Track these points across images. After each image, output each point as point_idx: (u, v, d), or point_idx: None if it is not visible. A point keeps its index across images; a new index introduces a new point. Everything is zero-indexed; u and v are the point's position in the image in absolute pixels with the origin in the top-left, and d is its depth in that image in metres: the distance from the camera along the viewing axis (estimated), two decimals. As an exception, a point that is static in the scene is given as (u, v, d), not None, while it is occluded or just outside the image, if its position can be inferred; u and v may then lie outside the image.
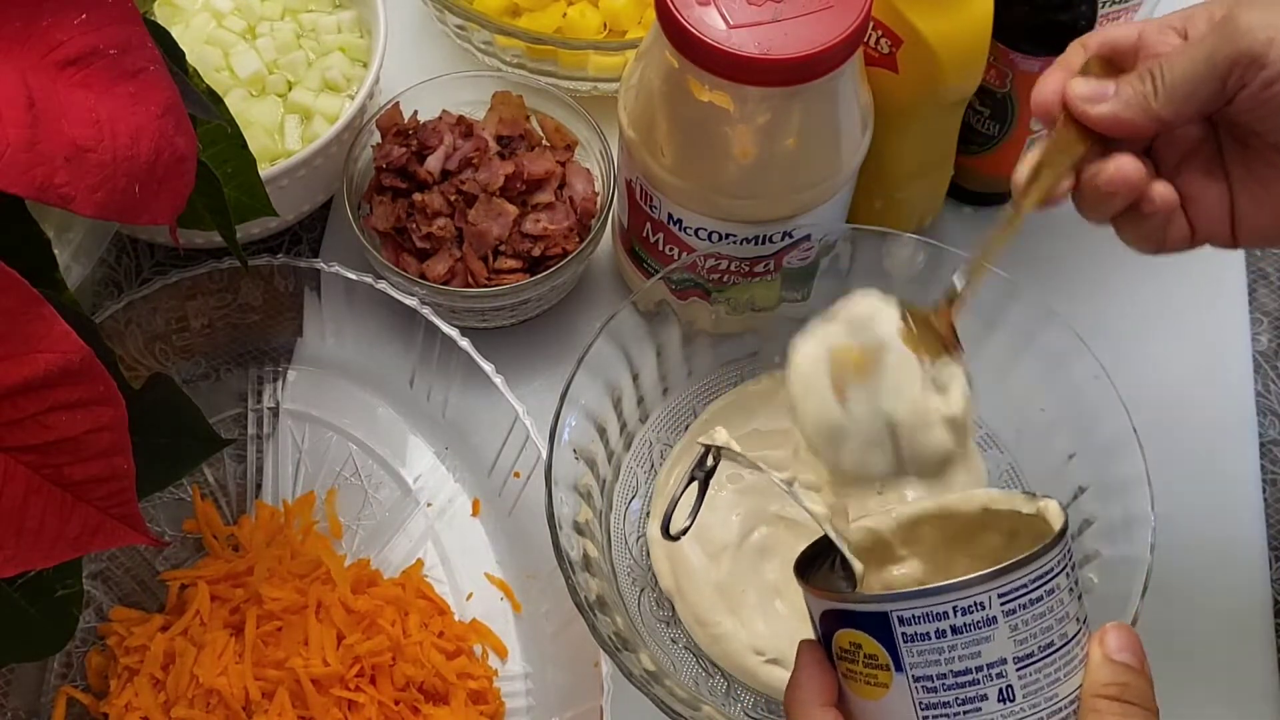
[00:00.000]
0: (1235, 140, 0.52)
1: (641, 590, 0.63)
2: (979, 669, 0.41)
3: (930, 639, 0.41)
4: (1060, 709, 0.42)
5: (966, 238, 0.79)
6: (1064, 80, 0.53)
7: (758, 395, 0.69)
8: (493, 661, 0.65)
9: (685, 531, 0.54)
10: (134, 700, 0.61)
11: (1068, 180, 0.52)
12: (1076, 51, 0.54)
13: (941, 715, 0.41)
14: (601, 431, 0.63)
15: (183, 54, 0.55)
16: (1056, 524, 0.44)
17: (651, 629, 0.62)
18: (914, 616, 0.41)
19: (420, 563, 0.67)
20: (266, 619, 0.62)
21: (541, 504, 0.58)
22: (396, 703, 0.62)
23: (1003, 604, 0.41)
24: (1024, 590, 0.41)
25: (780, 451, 0.66)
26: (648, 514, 0.66)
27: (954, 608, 0.41)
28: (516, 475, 0.68)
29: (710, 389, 0.69)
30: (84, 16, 0.43)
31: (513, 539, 0.68)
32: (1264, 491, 0.72)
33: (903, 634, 0.41)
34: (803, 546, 0.48)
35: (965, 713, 0.41)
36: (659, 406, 0.68)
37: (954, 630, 0.41)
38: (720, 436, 0.51)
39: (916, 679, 0.41)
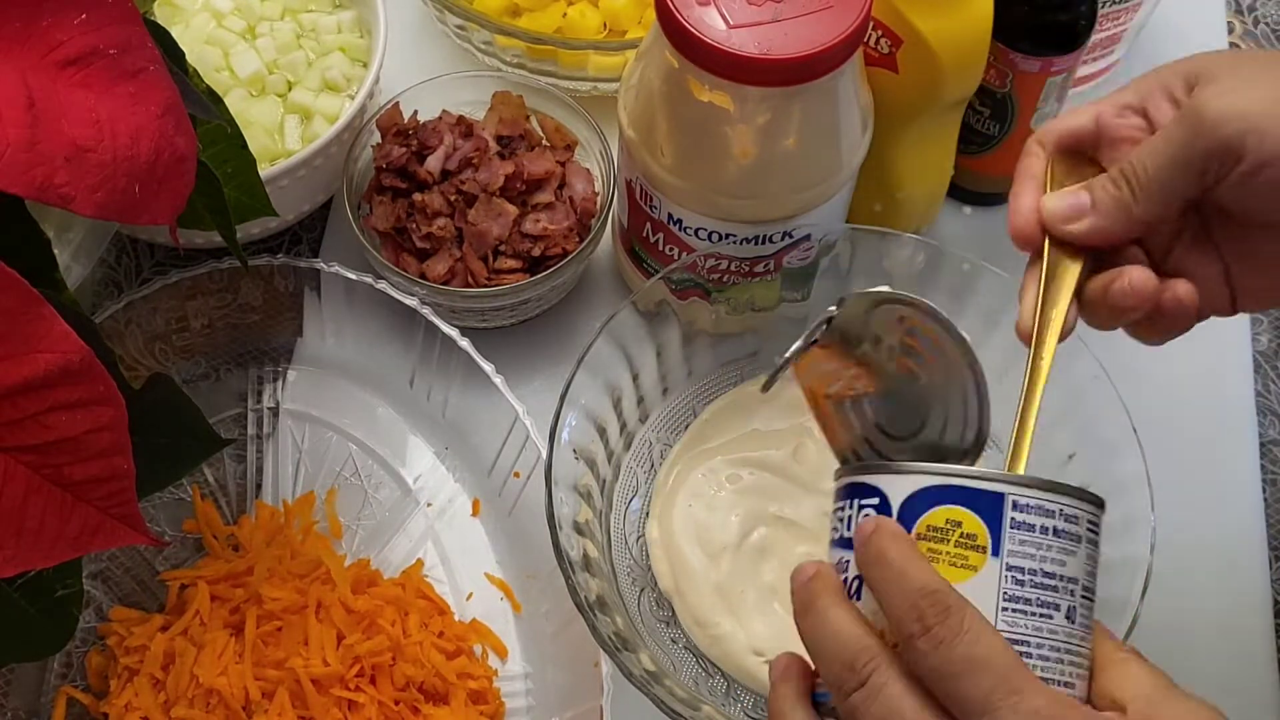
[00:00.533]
0: (1221, 215, 0.50)
1: (641, 590, 0.64)
2: (1061, 578, 0.42)
3: (1034, 532, 0.42)
4: (1084, 654, 0.43)
5: (966, 238, 0.79)
6: (1034, 196, 0.51)
7: (757, 395, 0.68)
8: (493, 661, 0.65)
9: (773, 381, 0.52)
10: (134, 700, 0.61)
11: (1074, 306, 0.51)
12: (1035, 154, 0.52)
13: (1020, 611, 0.42)
14: (601, 431, 0.63)
15: (183, 54, 0.55)
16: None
17: (651, 629, 0.62)
18: (1029, 505, 0.42)
19: (420, 563, 0.67)
20: (266, 619, 0.62)
21: (541, 504, 0.58)
22: (396, 703, 0.62)
23: (1088, 528, 0.43)
24: (1096, 528, 0.43)
25: (780, 451, 0.66)
26: (648, 514, 0.66)
27: (1061, 510, 0.42)
28: (516, 475, 0.68)
29: (710, 389, 0.69)
30: (84, 16, 0.43)
31: (513, 539, 0.68)
32: (1264, 491, 0.72)
33: (1012, 519, 0.42)
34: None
35: (1040, 615, 0.42)
36: (659, 406, 0.68)
37: (1055, 532, 0.42)
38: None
39: (1010, 567, 0.42)
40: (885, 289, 0.50)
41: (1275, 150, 0.45)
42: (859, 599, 0.43)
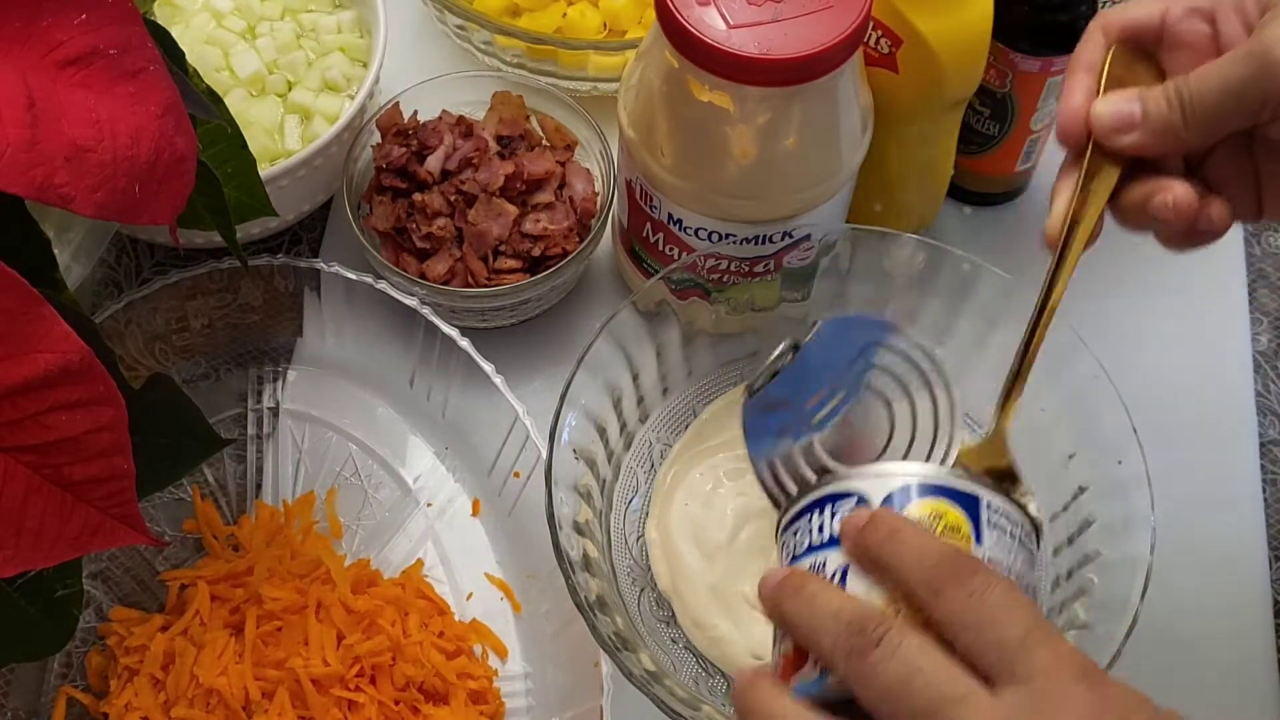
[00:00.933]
0: (1264, 140, 0.50)
1: (641, 590, 0.64)
2: (1028, 585, 0.44)
3: (1005, 535, 0.44)
4: None
5: (966, 238, 0.79)
6: (1086, 94, 0.51)
7: (757, 395, 0.69)
8: (493, 661, 0.65)
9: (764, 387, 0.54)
10: (134, 700, 0.61)
11: (1104, 213, 0.51)
12: (1096, 40, 0.52)
13: None
14: (601, 431, 0.63)
15: (183, 54, 0.55)
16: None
17: (651, 629, 0.62)
18: (998, 509, 0.44)
19: (420, 563, 0.67)
20: (266, 619, 0.62)
21: (541, 504, 0.58)
22: (396, 703, 0.62)
23: (1037, 556, 0.45)
24: (1032, 556, 0.45)
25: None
26: (647, 514, 0.66)
27: (1021, 526, 0.45)
28: (516, 475, 0.68)
29: (710, 389, 0.69)
30: (84, 16, 0.43)
31: (513, 539, 0.68)
32: (1264, 491, 0.72)
33: (988, 518, 0.44)
34: None
35: None
36: (659, 406, 0.68)
37: (1019, 541, 0.44)
38: None
39: (991, 560, 0.43)
40: (856, 314, 0.51)
41: None
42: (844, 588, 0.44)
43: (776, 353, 0.52)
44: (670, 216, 0.66)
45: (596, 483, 0.63)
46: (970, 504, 0.44)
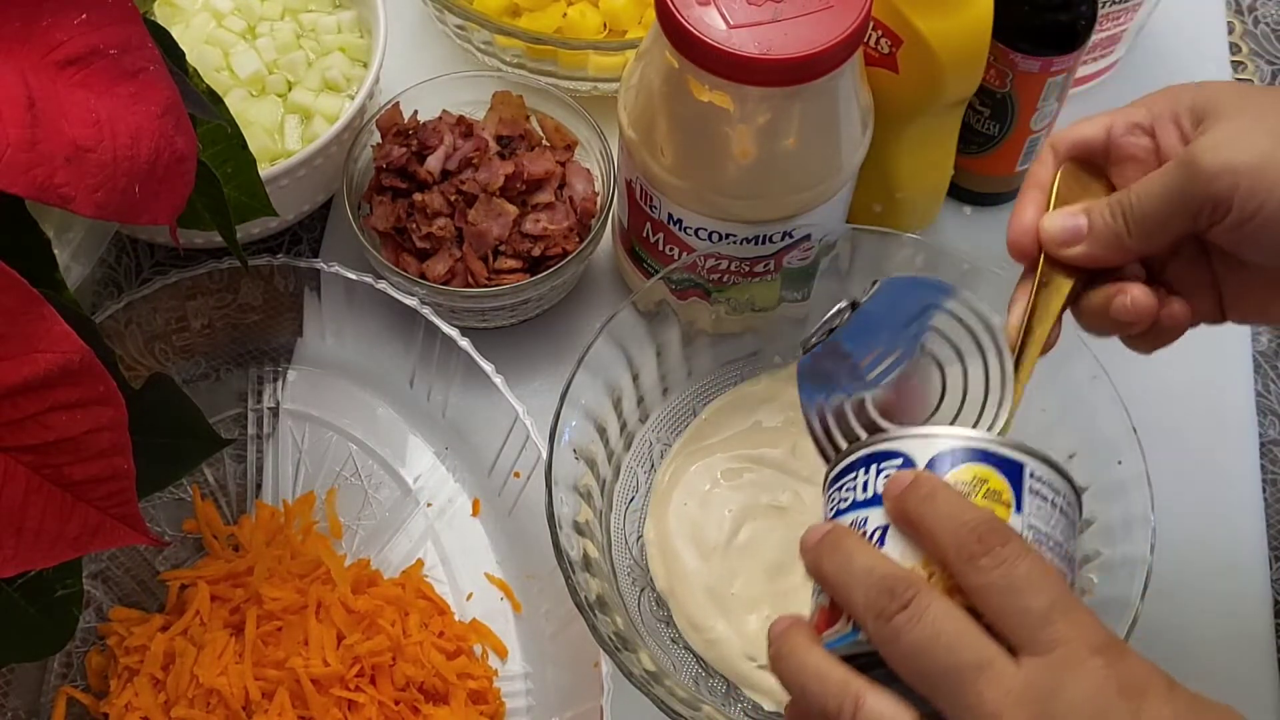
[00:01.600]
0: (1215, 246, 0.52)
1: (641, 590, 0.64)
2: (1067, 553, 0.44)
3: (1047, 503, 0.44)
4: None
5: (967, 238, 0.79)
6: (1036, 211, 0.53)
7: (757, 395, 0.69)
8: (493, 661, 0.65)
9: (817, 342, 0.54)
10: (134, 700, 0.61)
11: (1059, 323, 0.53)
12: (1046, 158, 0.54)
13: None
14: (601, 431, 0.63)
15: (183, 54, 0.55)
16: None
17: (651, 629, 0.62)
18: (1042, 478, 0.44)
19: (420, 563, 0.67)
20: (266, 619, 0.62)
21: (541, 504, 0.58)
22: (396, 703, 0.62)
23: (1077, 522, 0.45)
24: (1074, 531, 0.45)
25: (778, 449, 0.66)
26: (646, 514, 0.66)
27: (1065, 493, 0.45)
28: (516, 475, 0.68)
29: (710, 389, 0.69)
30: (84, 16, 0.43)
31: (513, 539, 0.68)
32: (1264, 491, 0.72)
33: (1030, 486, 0.44)
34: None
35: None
36: (659, 406, 0.68)
37: (1061, 510, 0.44)
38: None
39: (1031, 527, 0.44)
40: (914, 276, 0.52)
41: (1260, 205, 0.47)
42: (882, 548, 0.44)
43: (834, 310, 0.53)
44: (670, 216, 0.66)
45: (596, 483, 0.63)
46: (1014, 470, 0.44)
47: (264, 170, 0.68)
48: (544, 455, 0.60)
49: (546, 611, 0.66)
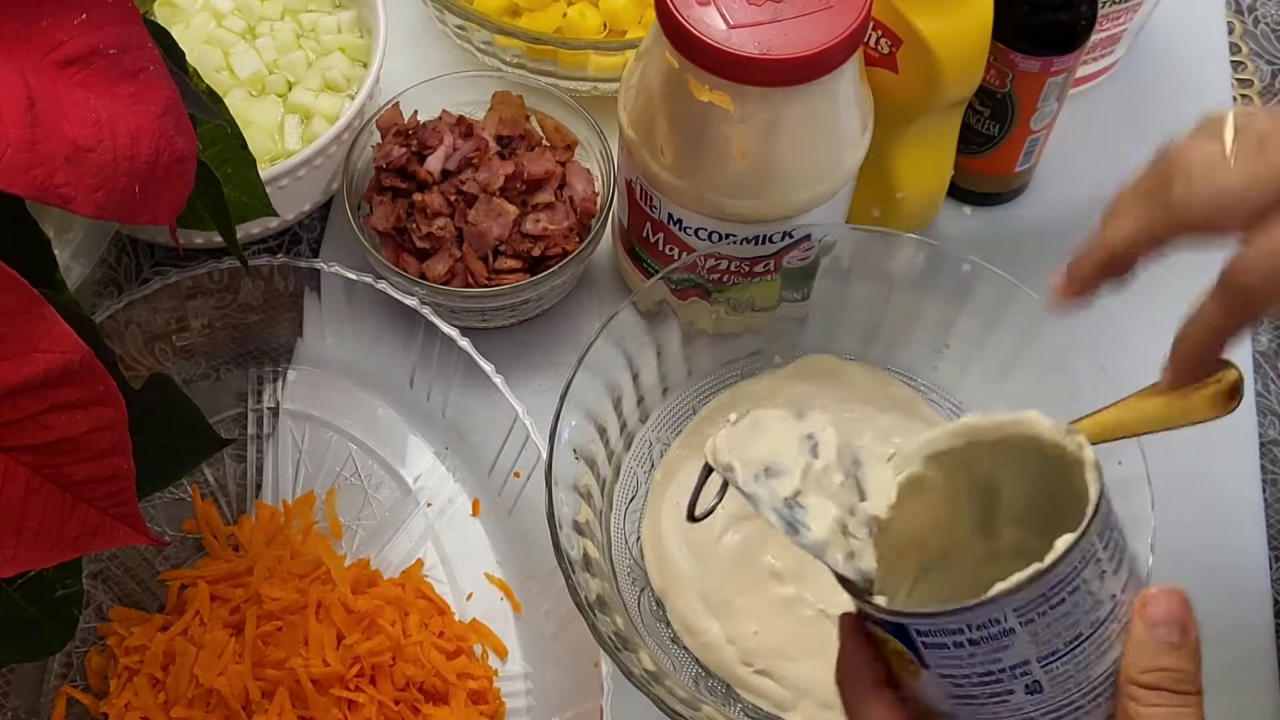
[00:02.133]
0: None
1: (641, 590, 0.64)
2: (1001, 670, 0.41)
3: (949, 649, 0.41)
4: (1094, 689, 0.42)
5: (966, 238, 0.79)
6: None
7: (757, 395, 0.69)
8: (493, 661, 0.65)
9: (711, 512, 0.51)
10: (134, 700, 0.61)
11: None
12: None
13: (971, 703, 0.42)
14: (601, 431, 0.63)
15: (183, 54, 0.55)
16: (1089, 505, 0.42)
17: (651, 629, 0.62)
18: (930, 630, 0.41)
19: (420, 563, 0.67)
20: (266, 619, 0.62)
21: (541, 504, 0.58)
22: (396, 703, 0.62)
23: (1019, 618, 0.40)
24: (1041, 601, 0.40)
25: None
26: (644, 514, 0.66)
27: (968, 625, 0.40)
28: (516, 475, 0.68)
29: (710, 389, 0.69)
30: (84, 16, 0.43)
31: (513, 539, 0.68)
32: (1264, 491, 0.72)
33: (923, 642, 0.41)
34: (786, 541, 0.47)
35: (995, 702, 0.42)
36: (659, 406, 0.68)
37: (971, 643, 0.41)
38: (721, 455, 0.47)
39: (942, 676, 0.42)
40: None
41: None
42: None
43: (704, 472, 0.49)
44: (670, 216, 0.66)
45: (596, 483, 0.63)
46: (901, 630, 0.42)
47: (264, 170, 0.68)
48: (544, 455, 0.60)
49: (546, 611, 0.66)
